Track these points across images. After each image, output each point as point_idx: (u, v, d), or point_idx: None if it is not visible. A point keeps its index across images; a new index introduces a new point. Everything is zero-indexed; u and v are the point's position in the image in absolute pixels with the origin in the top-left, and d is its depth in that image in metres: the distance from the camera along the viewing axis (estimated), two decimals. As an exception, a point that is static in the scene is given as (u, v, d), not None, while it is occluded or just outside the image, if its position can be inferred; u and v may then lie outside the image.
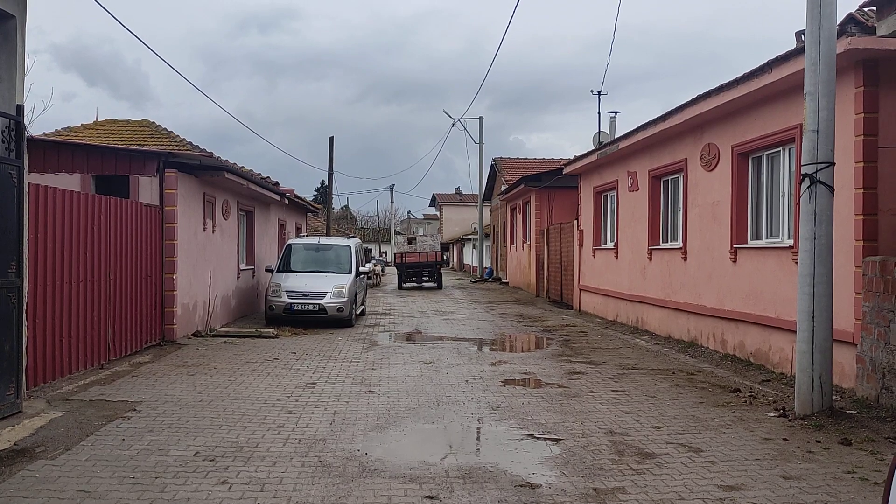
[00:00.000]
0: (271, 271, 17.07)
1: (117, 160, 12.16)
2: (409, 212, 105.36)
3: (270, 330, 14.10)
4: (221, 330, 14.10)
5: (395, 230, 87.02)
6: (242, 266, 17.87)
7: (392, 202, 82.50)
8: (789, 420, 7.35)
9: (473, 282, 38.09)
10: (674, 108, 12.21)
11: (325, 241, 18.68)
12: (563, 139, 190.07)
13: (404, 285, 33.39)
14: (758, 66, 9.37)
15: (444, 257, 48.91)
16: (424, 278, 33.27)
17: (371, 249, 59.29)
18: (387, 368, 10.45)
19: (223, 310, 15.84)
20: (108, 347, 10.20)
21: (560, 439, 6.66)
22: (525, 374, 10.20)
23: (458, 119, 40.36)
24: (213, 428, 6.87)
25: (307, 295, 15.74)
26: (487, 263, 42.94)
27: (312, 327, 15.52)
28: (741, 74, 9.86)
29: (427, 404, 8.12)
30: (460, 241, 62.50)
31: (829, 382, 7.37)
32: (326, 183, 34.17)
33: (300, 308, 15.64)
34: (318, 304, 15.65)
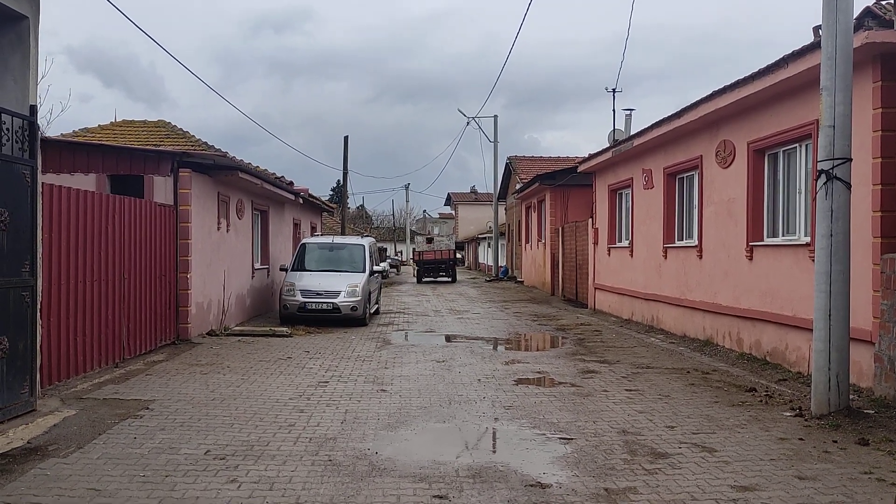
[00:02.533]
0: (286, 270, 17.11)
1: (132, 160, 12.25)
2: (424, 211, 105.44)
3: (284, 329, 14.14)
4: (236, 329, 14.16)
5: (410, 229, 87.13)
6: (257, 265, 17.92)
7: (407, 202, 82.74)
8: (805, 420, 7.24)
9: (488, 280, 38.02)
10: (689, 104, 12.11)
11: (339, 240, 18.72)
12: (577, 137, 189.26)
13: (423, 279, 37.46)
14: (773, 61, 9.26)
15: (458, 255, 54.35)
16: (441, 273, 37.36)
17: (386, 249, 59.70)
18: (399, 367, 10.44)
19: (238, 309, 15.90)
20: (123, 346, 10.27)
21: (572, 439, 6.61)
22: (538, 372, 10.14)
23: (473, 118, 40.37)
24: (224, 427, 6.88)
25: (321, 294, 15.76)
26: (503, 262, 42.86)
27: (326, 326, 15.54)
28: (757, 70, 9.75)
29: (439, 403, 8.10)
30: (475, 241, 62.40)
31: (847, 382, 7.26)
32: (341, 182, 34.26)
33: (314, 307, 15.67)
34: (332, 302, 15.67)
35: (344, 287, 15.89)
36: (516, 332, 15.28)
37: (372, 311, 17.73)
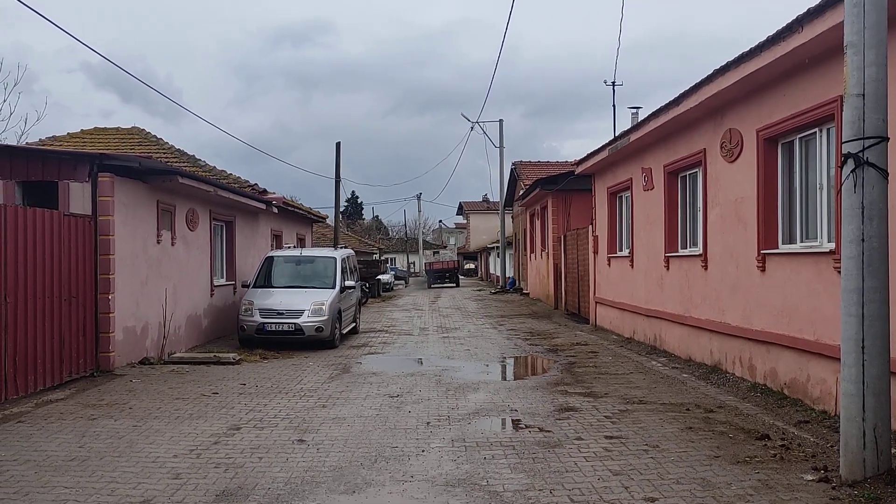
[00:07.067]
0: (248, 287, 15.44)
1: (45, 164, 10.70)
2: (440, 221, 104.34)
3: (231, 355, 12.43)
4: (177, 356, 12.47)
5: (422, 240, 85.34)
6: (220, 281, 16.30)
7: (420, 211, 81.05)
8: (833, 487, 5.41)
9: (493, 293, 36.16)
10: (687, 88, 10.29)
11: (307, 252, 17.00)
12: (597, 145, 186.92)
13: (433, 285, 47.68)
14: (784, 24, 7.45)
15: (469, 265, 72.24)
16: (446, 280, 47.92)
17: (393, 259, 61.97)
18: (340, 406, 8.71)
19: (190, 332, 14.25)
20: (6, 384, 8.60)
21: (510, 524, 4.84)
22: (505, 411, 8.38)
23: (476, 122, 38.71)
24: (51, 506, 5.19)
25: (283, 314, 14.08)
26: (510, 273, 41.01)
27: (289, 349, 13.87)
28: (764, 39, 7.94)
29: (361, 461, 6.36)
30: (486, 250, 60.52)
31: (888, 436, 5.43)
32: (348, 192, 32.80)
33: (274, 328, 13.99)
34: (294, 323, 13.98)
35: (308, 305, 14.19)
36: (501, 355, 13.49)
37: (346, 330, 16.01)
